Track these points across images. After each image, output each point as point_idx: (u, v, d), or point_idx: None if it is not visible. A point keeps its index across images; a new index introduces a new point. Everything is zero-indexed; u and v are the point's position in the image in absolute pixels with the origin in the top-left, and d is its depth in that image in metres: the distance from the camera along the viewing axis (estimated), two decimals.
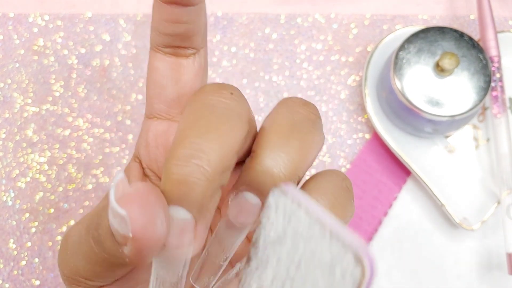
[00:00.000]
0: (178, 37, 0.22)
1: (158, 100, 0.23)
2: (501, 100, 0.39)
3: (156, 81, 0.23)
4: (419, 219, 0.40)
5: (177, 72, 0.23)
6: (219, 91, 0.21)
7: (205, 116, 0.19)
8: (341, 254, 0.14)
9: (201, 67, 0.24)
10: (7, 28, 0.43)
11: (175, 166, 0.17)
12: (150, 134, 0.24)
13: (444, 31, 0.37)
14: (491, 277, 0.39)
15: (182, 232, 0.17)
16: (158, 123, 0.24)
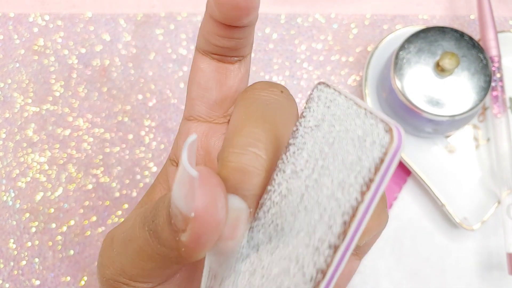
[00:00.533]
0: (227, 49, 0.22)
1: (201, 102, 0.23)
2: (501, 100, 0.39)
3: (201, 83, 0.23)
4: (419, 219, 0.40)
5: (223, 75, 0.23)
6: (270, 89, 0.21)
7: (260, 109, 0.19)
8: (372, 127, 0.14)
9: (246, 72, 0.24)
10: (7, 28, 0.43)
11: (232, 154, 0.17)
12: (185, 137, 0.23)
13: (444, 31, 0.37)
14: (491, 277, 0.39)
15: (237, 222, 0.17)
16: (198, 125, 0.23)
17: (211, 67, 0.23)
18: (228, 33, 0.21)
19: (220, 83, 0.23)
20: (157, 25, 0.43)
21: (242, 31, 0.21)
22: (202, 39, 0.22)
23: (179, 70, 0.43)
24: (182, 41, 0.43)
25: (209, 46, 0.22)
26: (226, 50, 0.22)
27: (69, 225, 0.40)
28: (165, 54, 0.43)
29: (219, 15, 0.20)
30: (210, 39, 0.22)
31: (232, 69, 0.23)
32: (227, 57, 0.23)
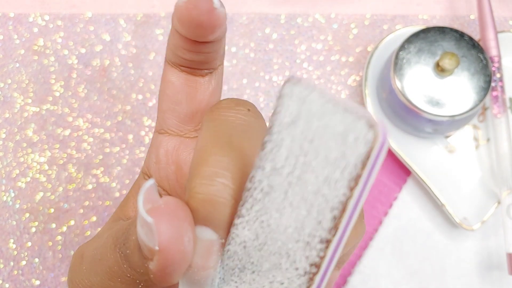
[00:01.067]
0: (196, 62, 0.22)
1: (171, 115, 0.23)
2: (501, 100, 0.39)
3: (171, 96, 0.22)
4: (419, 219, 0.40)
5: (193, 89, 0.22)
6: (236, 108, 0.20)
7: (227, 133, 0.18)
8: (354, 123, 0.14)
9: (217, 85, 0.23)
10: (7, 28, 0.43)
11: (200, 185, 0.17)
12: (161, 150, 0.23)
13: (444, 31, 0.37)
14: (491, 277, 0.39)
15: (208, 253, 0.17)
16: (169, 138, 0.23)
17: (180, 80, 0.22)
18: (195, 48, 0.21)
19: (190, 97, 0.22)
20: (157, 25, 0.43)
21: (210, 45, 0.21)
22: (169, 51, 0.22)
23: None
24: None
25: (177, 59, 0.22)
26: (194, 63, 0.22)
27: (69, 225, 0.40)
28: (165, 54, 0.43)
29: (183, 31, 0.20)
30: (177, 52, 0.21)
31: (202, 82, 0.22)
32: (196, 69, 0.22)
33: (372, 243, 0.40)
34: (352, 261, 0.39)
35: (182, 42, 0.20)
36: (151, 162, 0.23)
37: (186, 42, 0.20)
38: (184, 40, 0.20)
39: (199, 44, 0.20)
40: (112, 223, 0.23)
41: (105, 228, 0.22)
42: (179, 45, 0.21)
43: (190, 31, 0.20)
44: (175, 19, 0.20)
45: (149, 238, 0.16)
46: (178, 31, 0.20)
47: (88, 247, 0.21)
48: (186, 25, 0.19)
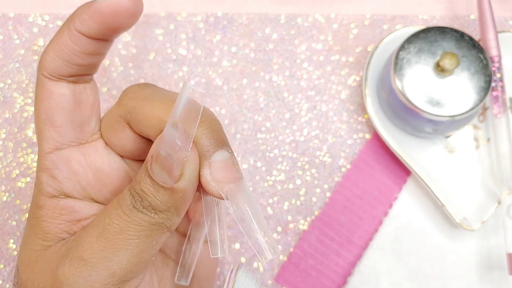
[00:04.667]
0: (89, 67, 0.23)
1: (70, 127, 0.24)
2: (501, 100, 0.39)
3: (66, 108, 0.23)
4: (419, 219, 0.40)
5: (84, 95, 0.24)
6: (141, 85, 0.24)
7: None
8: None
9: (97, 87, 0.25)
10: (7, 28, 0.43)
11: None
12: (73, 163, 0.24)
13: (445, 31, 0.37)
14: (491, 277, 0.39)
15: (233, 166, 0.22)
16: (75, 150, 0.24)
17: (70, 91, 0.23)
18: (98, 48, 0.22)
19: (83, 105, 0.24)
20: (157, 25, 0.43)
21: (109, 44, 0.23)
22: (59, 63, 0.22)
23: (179, 70, 0.43)
24: (182, 41, 0.43)
25: (68, 68, 0.23)
26: (86, 69, 0.23)
27: None
28: (165, 54, 0.43)
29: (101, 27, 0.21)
30: (74, 60, 0.22)
31: (89, 87, 0.24)
32: (84, 76, 0.24)
33: (372, 243, 0.40)
34: (353, 261, 0.39)
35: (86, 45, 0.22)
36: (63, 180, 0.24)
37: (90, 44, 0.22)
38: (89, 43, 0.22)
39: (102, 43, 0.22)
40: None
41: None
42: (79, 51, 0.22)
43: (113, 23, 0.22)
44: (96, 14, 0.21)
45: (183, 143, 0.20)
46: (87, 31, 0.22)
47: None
48: (112, 17, 0.21)
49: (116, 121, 0.24)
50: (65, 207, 0.24)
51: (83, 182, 0.24)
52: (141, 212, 0.21)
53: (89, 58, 0.23)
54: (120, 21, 0.21)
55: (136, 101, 0.23)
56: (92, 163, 0.24)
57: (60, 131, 0.23)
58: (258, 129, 0.42)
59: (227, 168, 0.21)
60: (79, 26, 0.21)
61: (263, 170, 0.41)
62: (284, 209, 0.41)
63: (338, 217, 0.40)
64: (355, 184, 0.41)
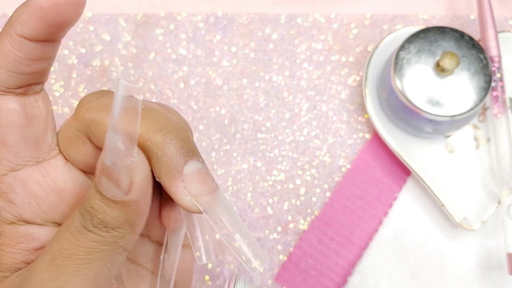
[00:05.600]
0: (38, 74, 0.21)
1: (24, 145, 0.21)
2: (501, 100, 0.39)
3: (17, 124, 0.21)
4: (419, 219, 0.40)
5: (35, 109, 0.22)
6: (105, 95, 0.22)
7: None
8: None
9: (48, 97, 0.23)
10: None
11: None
12: (32, 184, 0.22)
13: (445, 31, 0.37)
14: (491, 277, 0.39)
15: (206, 177, 0.21)
16: (32, 170, 0.22)
17: (20, 105, 0.21)
18: (44, 52, 0.20)
19: (35, 118, 0.21)
20: (157, 25, 0.43)
21: (55, 46, 0.21)
22: (3, 74, 0.20)
23: (179, 70, 0.43)
24: (182, 41, 0.43)
25: (15, 79, 0.20)
26: (35, 77, 0.21)
27: None
28: (165, 54, 0.43)
29: (44, 25, 0.19)
30: (20, 68, 0.20)
31: (40, 99, 0.22)
32: (31, 86, 0.21)
33: (372, 243, 0.40)
34: (352, 261, 0.39)
35: (31, 50, 0.20)
36: (21, 204, 0.22)
37: (36, 48, 0.20)
38: (34, 48, 0.20)
39: (48, 45, 0.20)
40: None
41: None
42: (24, 57, 0.20)
43: (54, 19, 0.19)
44: (33, 17, 0.19)
45: (125, 143, 0.18)
46: (29, 34, 0.19)
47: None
48: (57, 10, 0.19)
49: (74, 135, 0.22)
50: (24, 234, 0.22)
51: (44, 205, 0.22)
52: (91, 232, 0.19)
53: (37, 64, 0.20)
54: (64, 14, 0.19)
55: (94, 113, 0.20)
56: (52, 182, 0.22)
57: (13, 151, 0.21)
58: (258, 129, 0.42)
59: (202, 180, 0.20)
60: (20, 29, 0.19)
61: (263, 170, 0.41)
62: (284, 209, 0.40)
63: (338, 217, 0.40)
64: (355, 184, 0.41)
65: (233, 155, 0.41)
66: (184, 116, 0.42)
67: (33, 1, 0.19)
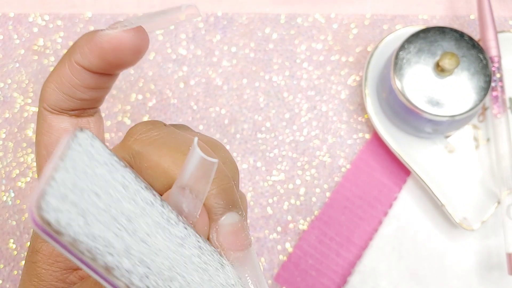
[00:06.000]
0: (91, 101, 0.21)
1: None
2: (501, 100, 0.39)
3: None
4: (419, 219, 0.40)
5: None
6: (157, 125, 0.21)
7: (171, 149, 0.21)
8: None
9: (102, 120, 0.23)
10: (7, 28, 0.43)
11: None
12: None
13: (444, 31, 0.37)
14: (491, 277, 0.39)
15: (242, 230, 0.20)
16: None
17: (72, 125, 0.22)
18: (100, 83, 0.21)
19: None
20: None
21: (114, 78, 0.21)
22: (60, 96, 0.21)
23: (179, 70, 0.43)
24: (182, 41, 0.43)
25: (70, 102, 0.21)
26: (89, 103, 0.21)
27: None
28: (165, 54, 0.43)
29: (101, 62, 0.20)
30: (75, 94, 0.21)
31: (93, 121, 0.22)
32: (86, 110, 0.22)
33: (372, 243, 0.40)
34: (352, 261, 0.39)
35: (88, 79, 0.20)
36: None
37: (93, 78, 0.20)
38: (91, 77, 0.20)
39: (107, 77, 0.21)
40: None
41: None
42: (80, 84, 0.20)
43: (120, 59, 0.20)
44: (99, 49, 0.19)
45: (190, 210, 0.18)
46: (89, 66, 0.20)
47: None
48: (119, 52, 0.19)
49: None
50: (60, 253, 0.22)
51: None
52: None
53: (92, 92, 0.21)
54: (122, 57, 0.20)
55: (142, 146, 0.20)
56: None
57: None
58: (258, 129, 0.42)
59: (235, 234, 0.19)
60: (80, 59, 0.20)
61: (263, 170, 0.41)
62: (284, 209, 0.41)
63: (338, 217, 0.40)
64: (355, 184, 0.41)
65: (233, 155, 0.41)
66: (184, 116, 0.42)
67: (97, 37, 0.19)
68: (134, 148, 0.20)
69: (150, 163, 0.20)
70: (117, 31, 0.19)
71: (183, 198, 0.18)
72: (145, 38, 0.20)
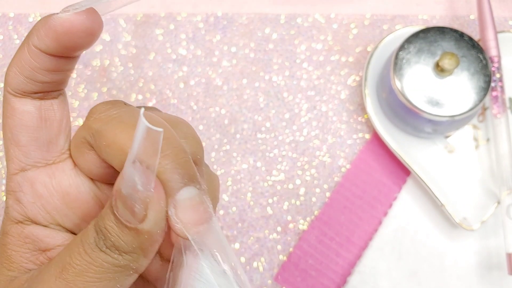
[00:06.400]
0: (53, 84, 0.22)
1: (35, 146, 0.22)
2: (501, 100, 0.39)
3: (30, 125, 0.22)
4: (419, 219, 0.40)
5: (51, 112, 0.22)
6: (117, 104, 0.21)
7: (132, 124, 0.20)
8: None
9: (67, 103, 0.23)
10: (7, 28, 0.43)
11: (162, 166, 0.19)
12: (38, 185, 0.22)
13: (444, 31, 0.37)
14: (491, 277, 0.39)
15: (199, 206, 0.20)
16: (40, 171, 0.23)
17: (36, 107, 0.22)
18: (60, 65, 0.21)
19: (49, 122, 0.22)
20: (157, 25, 0.44)
21: (74, 61, 0.21)
22: (21, 79, 0.21)
23: (179, 70, 0.43)
24: (182, 41, 0.43)
25: (31, 86, 0.21)
26: (51, 86, 0.22)
27: None
28: (165, 54, 0.43)
29: (57, 45, 0.20)
30: (35, 77, 0.21)
31: (57, 104, 0.22)
32: (50, 92, 0.22)
33: (372, 243, 0.40)
34: (352, 261, 0.39)
35: (47, 62, 0.21)
36: (27, 204, 0.22)
37: (52, 61, 0.21)
38: (49, 60, 0.20)
39: (66, 60, 0.21)
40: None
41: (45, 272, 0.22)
42: (40, 67, 0.21)
43: (72, 42, 0.20)
44: (51, 33, 0.20)
45: (142, 181, 0.18)
46: (45, 48, 0.20)
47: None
48: (70, 35, 0.20)
49: (81, 142, 0.22)
50: (29, 235, 0.22)
51: (48, 206, 0.22)
52: (103, 252, 0.19)
53: (52, 75, 0.21)
54: (76, 40, 0.20)
55: (100, 124, 0.20)
56: (58, 185, 0.22)
57: (24, 151, 0.22)
58: (258, 129, 0.42)
59: (194, 209, 0.19)
60: (37, 42, 0.20)
61: (263, 170, 0.41)
62: (284, 209, 0.41)
63: (338, 217, 0.40)
64: (355, 184, 0.41)
65: (233, 155, 0.41)
66: (184, 116, 0.42)
67: (51, 20, 0.20)
68: (93, 127, 0.20)
69: (108, 141, 0.20)
70: (69, 14, 0.19)
71: (135, 171, 0.18)
72: (97, 20, 0.20)
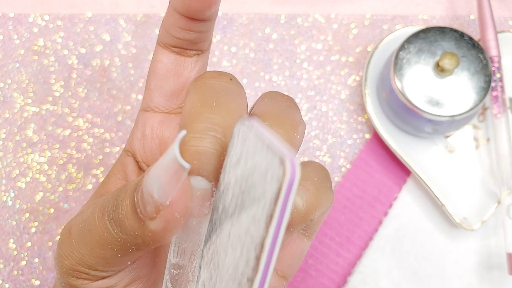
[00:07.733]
0: (187, 41, 0.23)
1: (159, 93, 0.24)
2: (501, 100, 0.39)
3: (159, 74, 0.24)
4: (419, 219, 0.40)
5: (181, 67, 0.24)
6: (219, 77, 0.21)
7: (213, 96, 0.20)
8: (272, 160, 0.15)
9: (203, 66, 0.25)
10: (7, 28, 0.43)
11: (193, 139, 0.18)
12: (147, 126, 0.24)
13: (444, 31, 0.37)
14: (491, 277, 0.39)
15: (203, 201, 0.19)
16: (155, 115, 0.25)
17: (170, 60, 0.24)
18: (189, 26, 0.22)
19: (177, 75, 0.24)
20: (157, 25, 0.43)
21: (202, 24, 0.23)
22: (163, 32, 0.23)
23: None
24: None
25: (169, 39, 0.23)
26: (185, 43, 0.23)
27: None
28: None
29: (182, 7, 0.21)
30: (171, 31, 0.23)
31: (189, 62, 0.24)
32: (186, 50, 0.24)
33: (372, 243, 0.40)
34: (352, 261, 0.39)
35: (178, 20, 0.22)
36: (135, 138, 0.25)
37: (181, 20, 0.22)
38: (180, 18, 0.22)
39: (194, 22, 0.22)
40: (95, 199, 0.23)
41: (88, 204, 0.23)
42: (174, 23, 0.22)
43: (190, 6, 0.21)
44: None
45: (165, 190, 0.17)
46: (176, 8, 0.22)
47: (75, 221, 0.21)
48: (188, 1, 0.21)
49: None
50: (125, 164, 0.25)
51: (146, 147, 0.24)
52: (107, 221, 0.19)
53: (184, 33, 0.23)
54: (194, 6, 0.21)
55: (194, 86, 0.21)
56: (161, 133, 0.24)
57: (150, 94, 0.24)
58: None
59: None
60: (173, 2, 0.22)
61: None
62: None
63: (338, 217, 0.40)
64: (355, 184, 0.41)
65: None
66: None
67: None
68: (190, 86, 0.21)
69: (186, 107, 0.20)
70: None
71: (155, 182, 0.18)
72: None
